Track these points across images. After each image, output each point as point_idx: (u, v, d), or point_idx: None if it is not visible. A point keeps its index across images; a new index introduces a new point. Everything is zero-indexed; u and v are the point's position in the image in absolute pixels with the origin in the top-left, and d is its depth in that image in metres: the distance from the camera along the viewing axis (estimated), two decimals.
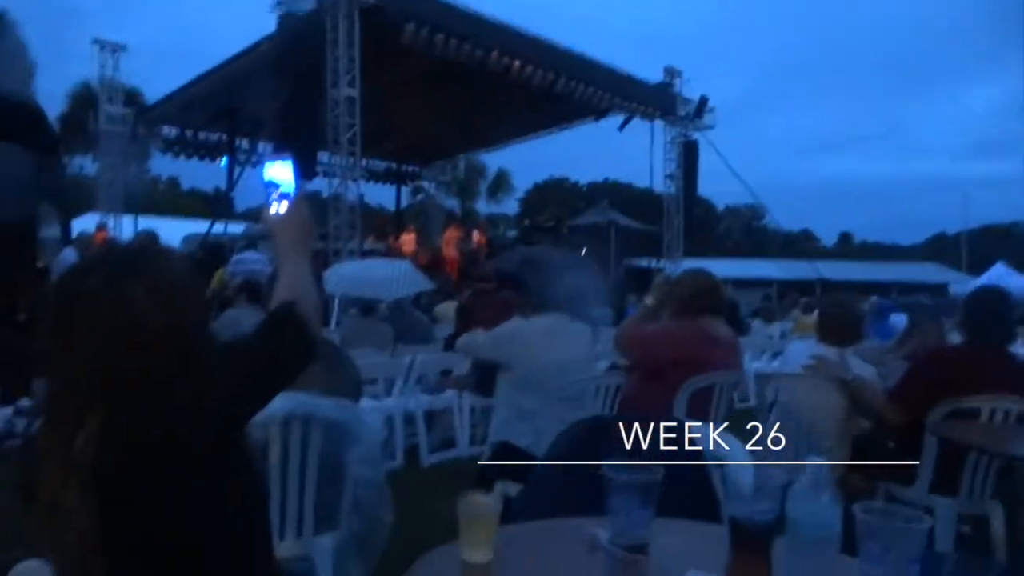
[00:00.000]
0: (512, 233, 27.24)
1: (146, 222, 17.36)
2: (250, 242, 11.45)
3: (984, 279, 18.40)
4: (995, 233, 56.08)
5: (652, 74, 19.05)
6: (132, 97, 20.92)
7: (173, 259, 1.43)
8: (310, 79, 11.42)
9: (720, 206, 62.31)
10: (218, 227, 16.25)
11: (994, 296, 3.44)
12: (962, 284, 24.31)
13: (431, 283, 8.97)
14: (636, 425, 1.90)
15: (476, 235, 17.45)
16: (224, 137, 19.25)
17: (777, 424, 3.72)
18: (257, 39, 14.05)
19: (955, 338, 3.85)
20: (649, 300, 3.60)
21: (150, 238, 10.01)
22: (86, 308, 1.28)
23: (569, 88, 15.80)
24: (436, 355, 5.81)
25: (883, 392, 3.40)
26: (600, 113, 18.05)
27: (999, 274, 18.98)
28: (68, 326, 1.28)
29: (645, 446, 1.80)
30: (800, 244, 45.76)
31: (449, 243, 16.47)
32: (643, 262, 22.07)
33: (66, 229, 9.26)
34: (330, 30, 12.04)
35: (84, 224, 14.92)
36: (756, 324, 11.30)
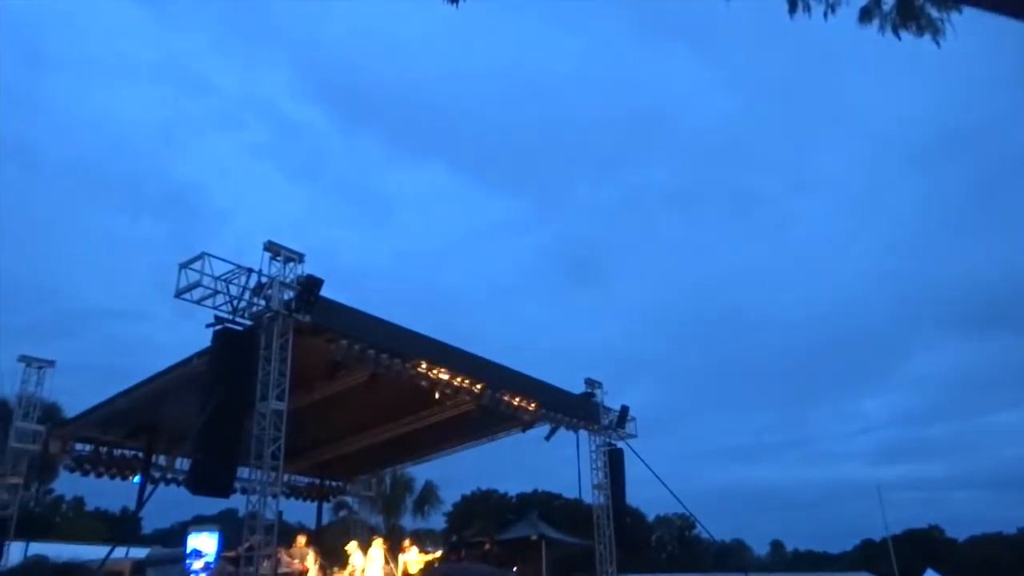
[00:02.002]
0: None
1: (38, 547, 15.86)
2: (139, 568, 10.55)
3: None
4: (919, 538, 56.22)
5: (574, 386, 19.80)
6: (50, 413, 20.30)
7: None
8: (239, 394, 11.38)
9: (651, 516, 61.32)
10: (119, 551, 14.89)
11: None
12: None
13: None
14: None
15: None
16: (140, 455, 18.52)
17: None
18: (187, 355, 14.21)
19: None
20: None
21: (38, 563, 9.05)
22: None
23: (496, 399, 16.17)
24: None
25: None
26: (527, 424, 18.31)
27: None
28: None
29: None
30: (734, 554, 44.61)
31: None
32: None
33: None
34: (263, 347, 12.28)
35: None
36: None
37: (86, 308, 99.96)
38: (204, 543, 11.10)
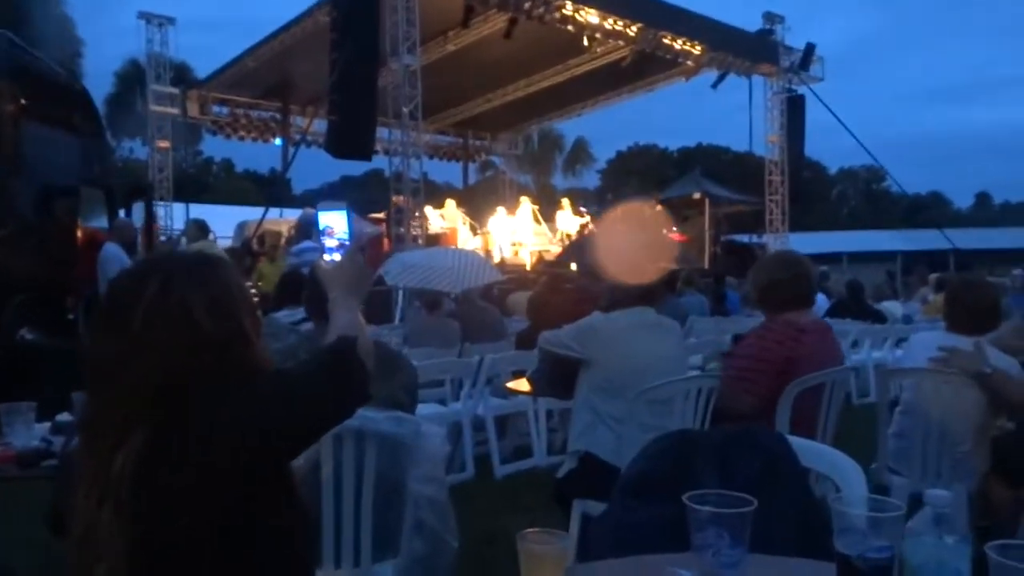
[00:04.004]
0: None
1: (198, 210, 17.98)
2: (304, 231, 11.71)
3: None
4: None
5: (750, 22, 18.61)
6: (181, 74, 21.71)
7: (230, 270, 1.52)
8: (366, 49, 11.55)
9: (832, 169, 60.33)
10: (273, 213, 16.69)
11: None
12: None
13: (501, 274, 8.94)
14: (730, 441, 1.84)
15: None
16: (278, 115, 19.80)
17: (902, 427, 3.58)
18: (308, 6, 14.35)
19: None
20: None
21: (200, 228, 10.32)
22: (141, 313, 1.33)
23: (654, 42, 15.54)
24: (508, 354, 5.77)
25: None
26: (691, 71, 17.69)
27: None
28: (121, 332, 1.34)
29: (740, 467, 1.74)
30: (928, 209, 43.89)
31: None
32: (743, 238, 21.60)
33: (113, 219, 9.62)
34: None
35: (134, 213, 15.57)
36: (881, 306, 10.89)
37: None
38: (334, 220, 11.95)
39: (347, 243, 2.13)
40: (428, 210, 14.53)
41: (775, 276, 3.44)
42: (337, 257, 1.83)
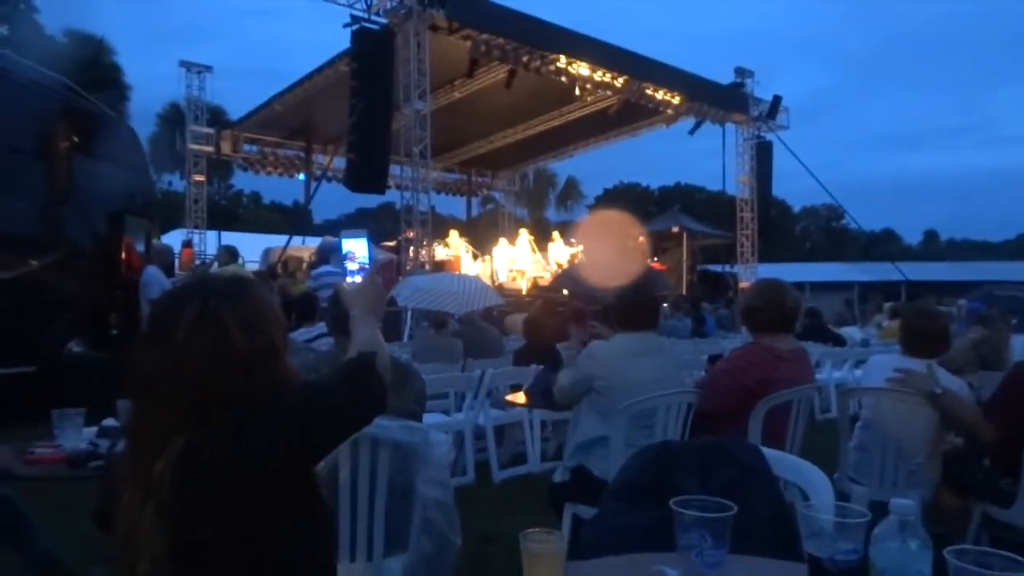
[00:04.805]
0: None
1: (229, 237, 17.98)
2: (323, 256, 11.74)
3: None
4: None
5: (723, 75, 18.75)
6: (216, 115, 21.84)
7: (261, 290, 1.51)
8: (382, 96, 11.65)
9: (796, 207, 60.56)
10: (296, 240, 16.70)
11: None
12: None
13: (500, 298, 8.94)
14: (708, 451, 1.82)
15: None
16: (302, 153, 19.91)
17: (862, 441, 3.56)
18: (331, 56, 14.46)
19: None
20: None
21: (230, 253, 10.31)
22: (182, 332, 1.34)
23: (639, 92, 15.65)
24: (506, 369, 5.78)
25: (976, 406, 3.20)
26: (671, 118, 17.80)
27: None
28: (162, 347, 1.35)
29: (718, 475, 1.72)
30: (882, 244, 44.01)
31: None
32: (716, 268, 21.65)
33: (150, 244, 9.63)
34: (401, 47, 12.26)
35: (172, 239, 15.60)
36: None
37: (224, 6, 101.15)
38: (355, 246, 12.09)
39: (367, 266, 2.11)
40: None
41: (751, 302, 3.44)
42: (358, 279, 1.83)
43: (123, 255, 8.77)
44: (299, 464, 1.39)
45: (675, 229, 19.62)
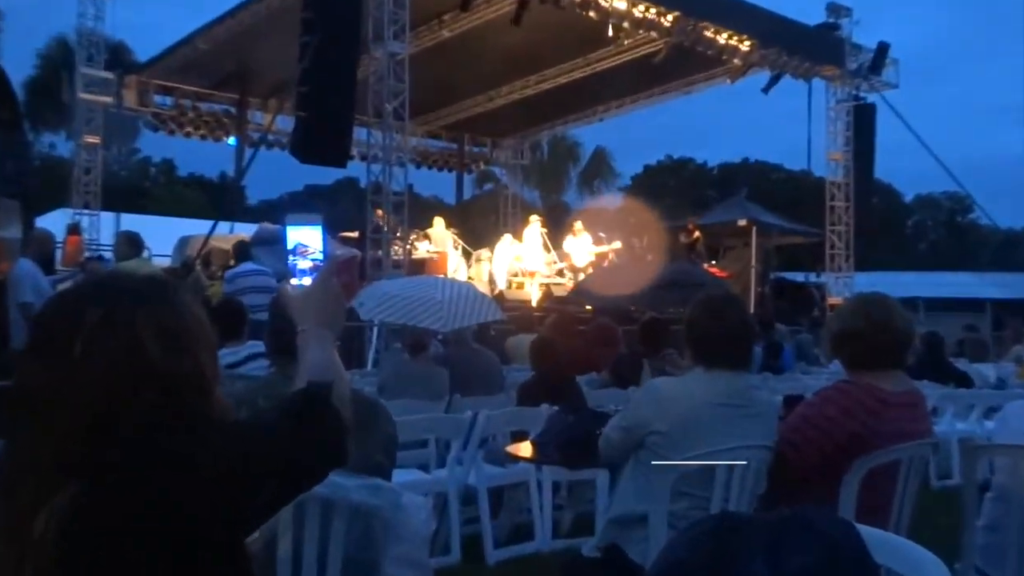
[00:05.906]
0: None
1: (131, 220, 18.01)
2: (243, 251, 11.67)
3: None
4: None
5: (811, 14, 18.81)
6: (118, 55, 21.86)
7: (188, 298, 1.51)
8: (346, 30, 11.65)
9: (908, 195, 60.73)
10: (222, 227, 16.73)
11: None
12: None
13: (501, 311, 8.93)
14: (782, 525, 1.82)
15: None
16: (233, 109, 19.93)
17: (994, 518, 3.56)
18: None
19: None
20: None
21: (131, 242, 10.25)
22: (79, 344, 1.34)
23: (694, 35, 15.69)
24: (508, 410, 5.75)
25: None
26: (737, 70, 17.82)
27: None
28: (52, 364, 1.35)
29: (793, 556, 1.73)
30: None
31: None
32: (797, 277, 21.64)
33: (29, 229, 9.61)
34: None
35: (53, 222, 15.57)
36: (961, 365, 10.89)
37: None
38: (307, 236, 11.98)
39: (321, 262, 2.10)
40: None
41: (846, 325, 3.41)
42: (307, 281, 1.81)
43: None
44: (223, 532, 1.39)
45: (741, 222, 19.56)
